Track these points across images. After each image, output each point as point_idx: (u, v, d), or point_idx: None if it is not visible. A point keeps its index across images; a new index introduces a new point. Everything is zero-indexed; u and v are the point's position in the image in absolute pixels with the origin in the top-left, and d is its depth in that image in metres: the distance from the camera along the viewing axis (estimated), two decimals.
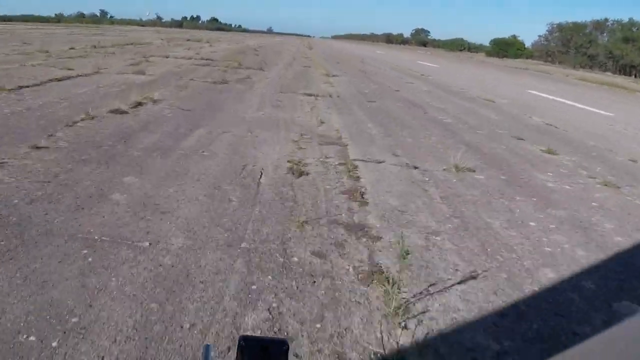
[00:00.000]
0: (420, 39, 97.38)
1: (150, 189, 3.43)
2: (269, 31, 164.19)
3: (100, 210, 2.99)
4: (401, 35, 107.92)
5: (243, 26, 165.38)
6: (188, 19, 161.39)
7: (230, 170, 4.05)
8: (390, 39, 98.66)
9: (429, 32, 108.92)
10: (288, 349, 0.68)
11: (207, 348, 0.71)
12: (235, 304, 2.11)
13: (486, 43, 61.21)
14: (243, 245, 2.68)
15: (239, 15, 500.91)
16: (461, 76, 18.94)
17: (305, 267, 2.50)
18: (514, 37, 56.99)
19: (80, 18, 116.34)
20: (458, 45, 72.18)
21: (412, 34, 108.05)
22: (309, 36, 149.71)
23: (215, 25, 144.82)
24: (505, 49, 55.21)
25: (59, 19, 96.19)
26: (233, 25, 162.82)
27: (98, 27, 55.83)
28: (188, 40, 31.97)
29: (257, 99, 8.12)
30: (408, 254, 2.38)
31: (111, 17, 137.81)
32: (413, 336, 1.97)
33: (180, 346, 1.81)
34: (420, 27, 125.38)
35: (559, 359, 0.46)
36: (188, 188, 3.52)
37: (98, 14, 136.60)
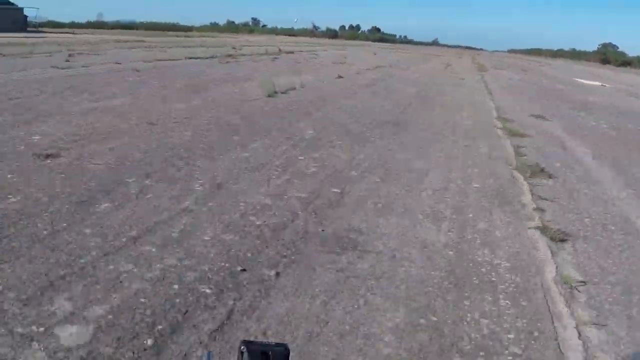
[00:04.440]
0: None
1: None
2: (435, 43, 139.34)
3: None
4: (622, 53, 73.67)
5: (408, 37, 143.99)
6: (346, 28, 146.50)
7: None
8: (607, 59, 66.08)
9: (617, 46, 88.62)
10: (289, 353, 0.68)
11: (208, 355, 0.74)
12: None
13: None
14: None
15: (402, 25, 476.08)
16: None
17: None
18: None
19: (231, 26, 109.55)
20: None
21: (598, 49, 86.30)
22: (480, 49, 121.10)
23: (377, 35, 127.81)
24: None
25: (188, 27, 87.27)
26: (397, 36, 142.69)
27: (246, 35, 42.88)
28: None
29: None
30: None
31: (264, 25, 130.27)
32: None
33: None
34: (607, 41, 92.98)
35: None
36: None
37: (250, 23, 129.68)
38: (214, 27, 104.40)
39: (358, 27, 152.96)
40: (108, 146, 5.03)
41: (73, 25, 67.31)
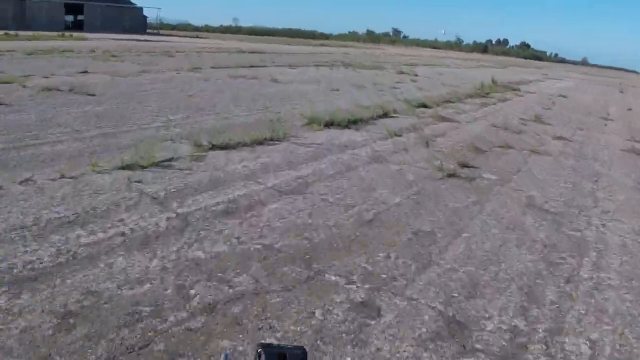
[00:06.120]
0: None
1: None
2: (584, 62, 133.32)
3: None
4: None
5: (559, 55, 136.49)
6: (493, 42, 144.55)
7: None
8: None
9: None
10: (306, 356, 0.70)
11: (225, 357, 0.75)
12: None
13: None
14: None
15: (548, 39, 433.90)
16: None
17: None
18: None
19: (371, 36, 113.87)
20: None
21: None
22: (634, 72, 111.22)
23: (527, 52, 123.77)
24: None
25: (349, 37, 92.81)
26: (549, 54, 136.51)
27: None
28: None
29: None
30: None
31: (405, 36, 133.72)
32: None
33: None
34: None
35: None
36: None
37: (391, 33, 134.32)
38: (352, 36, 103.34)
39: (506, 41, 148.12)
40: None
41: (206, 29, 65.56)
